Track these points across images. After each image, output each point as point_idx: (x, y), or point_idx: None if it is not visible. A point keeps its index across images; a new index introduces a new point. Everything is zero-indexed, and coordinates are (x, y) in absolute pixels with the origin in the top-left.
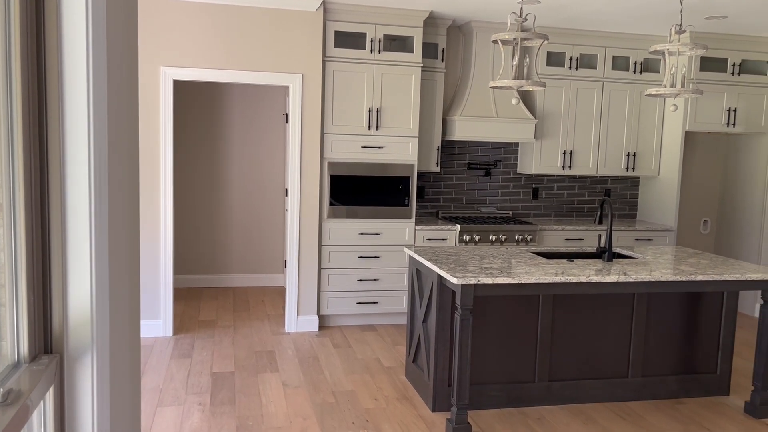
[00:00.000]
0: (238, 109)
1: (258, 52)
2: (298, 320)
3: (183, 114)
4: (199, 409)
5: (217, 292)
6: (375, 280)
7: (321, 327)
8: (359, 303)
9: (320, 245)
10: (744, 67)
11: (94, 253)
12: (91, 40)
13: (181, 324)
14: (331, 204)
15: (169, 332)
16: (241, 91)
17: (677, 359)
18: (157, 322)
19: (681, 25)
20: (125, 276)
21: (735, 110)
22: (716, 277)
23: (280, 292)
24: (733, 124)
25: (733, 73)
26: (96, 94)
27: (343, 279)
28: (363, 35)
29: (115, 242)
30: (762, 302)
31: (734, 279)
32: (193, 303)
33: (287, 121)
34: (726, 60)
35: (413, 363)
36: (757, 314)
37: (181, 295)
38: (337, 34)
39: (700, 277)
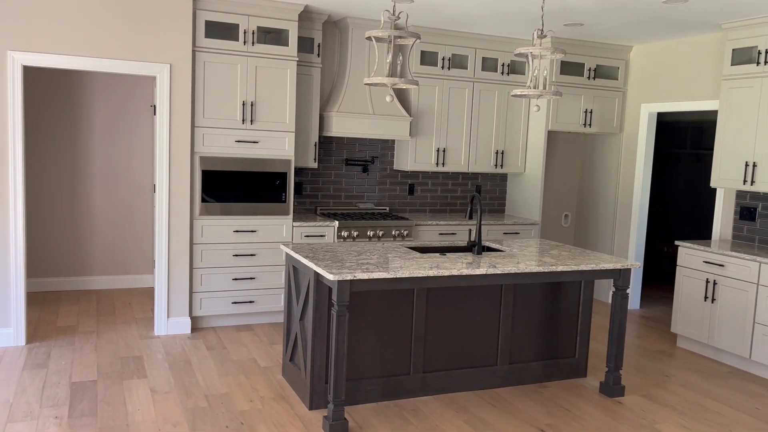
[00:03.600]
0: (100, 99)
1: (121, 39)
2: (169, 323)
3: (36, 104)
4: (56, 423)
5: (79, 296)
6: (251, 278)
7: (194, 329)
8: (234, 303)
9: (192, 244)
10: (598, 72)
11: None
12: None
13: (35, 332)
14: (203, 201)
15: (22, 341)
16: (104, 80)
17: (541, 346)
18: (6, 330)
19: (543, 30)
20: None
21: (591, 112)
22: (574, 268)
23: (150, 293)
24: (589, 125)
25: (589, 78)
26: None
27: (217, 278)
28: (236, 26)
29: None
30: (614, 289)
31: (590, 269)
32: (50, 308)
33: (155, 114)
34: (583, 65)
35: (290, 362)
36: (610, 300)
37: (36, 300)
38: (208, 23)
39: (560, 268)
